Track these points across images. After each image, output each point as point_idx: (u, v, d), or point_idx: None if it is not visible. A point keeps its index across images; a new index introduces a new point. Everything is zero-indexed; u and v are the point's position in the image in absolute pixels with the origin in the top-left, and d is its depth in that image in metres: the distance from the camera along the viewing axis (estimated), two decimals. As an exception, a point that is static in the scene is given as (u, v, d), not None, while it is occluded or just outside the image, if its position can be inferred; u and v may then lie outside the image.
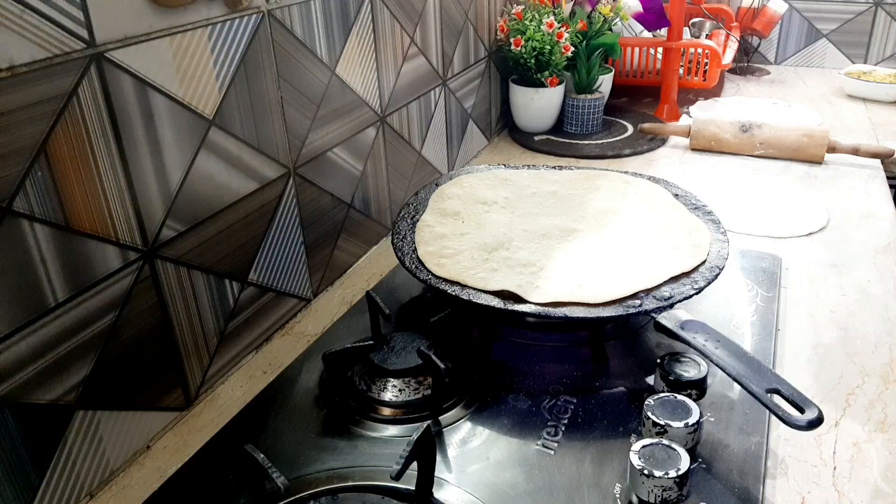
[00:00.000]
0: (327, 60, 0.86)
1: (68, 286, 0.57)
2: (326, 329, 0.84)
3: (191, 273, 0.70)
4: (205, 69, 0.67)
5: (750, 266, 0.92)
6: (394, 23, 0.99)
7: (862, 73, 1.71)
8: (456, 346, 0.74)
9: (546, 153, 1.39)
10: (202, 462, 0.64)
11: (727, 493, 0.58)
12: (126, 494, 0.63)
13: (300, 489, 0.59)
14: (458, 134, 1.28)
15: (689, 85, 1.62)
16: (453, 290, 0.74)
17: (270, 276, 0.82)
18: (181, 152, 0.66)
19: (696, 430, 0.60)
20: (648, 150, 1.38)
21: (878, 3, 1.82)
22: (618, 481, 0.59)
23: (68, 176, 0.56)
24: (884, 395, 0.71)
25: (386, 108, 1.01)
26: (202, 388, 0.74)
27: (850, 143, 1.28)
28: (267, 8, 0.74)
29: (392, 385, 0.69)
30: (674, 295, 0.72)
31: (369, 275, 0.98)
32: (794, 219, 1.08)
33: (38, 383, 0.56)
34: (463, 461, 0.63)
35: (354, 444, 0.65)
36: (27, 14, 0.51)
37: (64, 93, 0.55)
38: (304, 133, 0.84)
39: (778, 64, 1.99)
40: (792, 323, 0.83)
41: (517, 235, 0.85)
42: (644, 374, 0.72)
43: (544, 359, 0.76)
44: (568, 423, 0.66)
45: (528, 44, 1.34)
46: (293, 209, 0.84)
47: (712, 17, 1.84)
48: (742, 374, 0.61)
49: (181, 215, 0.68)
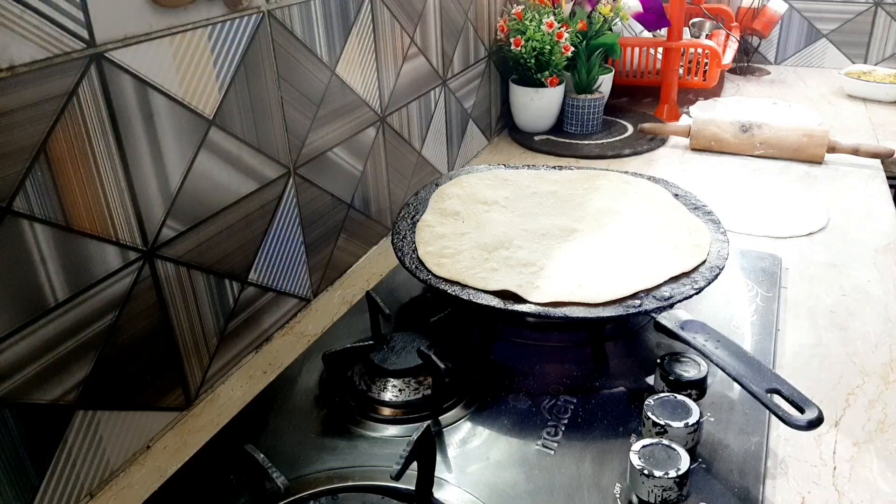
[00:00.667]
0: (327, 60, 0.86)
1: (68, 286, 0.57)
2: (326, 329, 0.84)
3: (191, 273, 0.70)
4: (205, 69, 0.67)
5: (750, 266, 0.92)
6: (394, 23, 0.99)
7: (862, 73, 1.71)
8: (456, 346, 0.74)
9: (546, 153, 1.39)
10: (202, 462, 0.64)
11: (727, 493, 0.58)
12: (126, 494, 0.63)
13: (300, 489, 0.59)
14: (458, 134, 1.28)
15: (689, 85, 1.62)
16: (453, 290, 0.74)
17: (270, 275, 0.82)
18: (181, 152, 0.66)
19: (696, 430, 0.60)
20: (648, 150, 1.38)
21: (878, 3, 1.82)
22: (618, 481, 0.59)
23: (68, 176, 0.56)
24: (884, 395, 0.71)
25: (386, 108, 1.01)
26: (202, 388, 0.74)
27: (850, 143, 1.28)
28: (267, 8, 0.74)
29: (392, 385, 0.69)
30: (674, 295, 0.72)
31: (369, 275, 0.98)
32: (795, 219, 1.08)
33: (38, 383, 0.56)
34: (463, 461, 0.63)
35: (354, 444, 0.65)
36: (27, 14, 0.51)
37: (64, 93, 0.55)
38: (304, 133, 0.84)
39: (778, 64, 1.99)
40: (792, 323, 0.83)
41: (517, 235, 0.85)
42: (644, 374, 0.72)
43: (544, 359, 0.76)
44: (568, 423, 0.66)
45: (528, 44, 1.34)
46: (293, 209, 0.84)
47: (712, 17, 1.84)
48: (742, 374, 0.61)
49: (181, 215, 0.68)
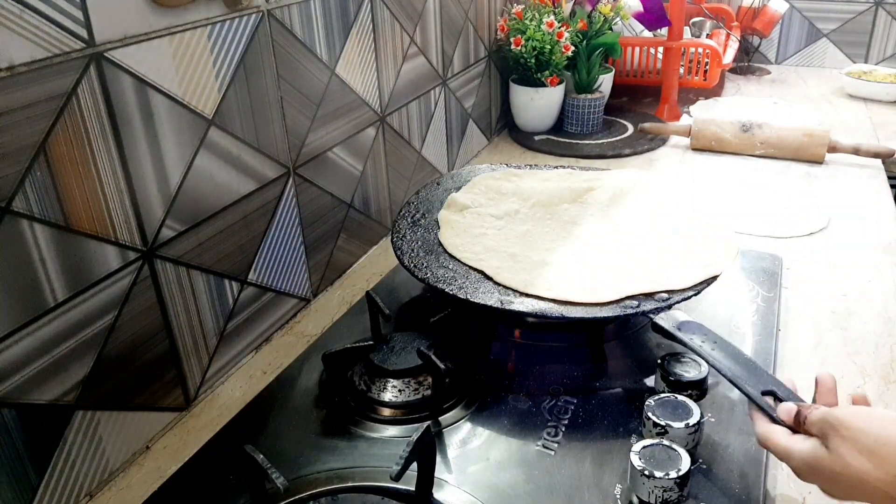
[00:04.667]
0: (327, 60, 0.85)
1: (68, 286, 0.57)
2: (326, 329, 0.84)
3: (190, 273, 0.70)
4: (204, 69, 0.67)
5: (750, 266, 0.92)
6: (394, 22, 0.99)
7: (862, 73, 1.71)
8: (456, 346, 0.74)
9: (546, 153, 1.39)
10: (202, 462, 0.64)
11: (727, 493, 0.58)
12: (125, 495, 0.63)
13: (300, 489, 0.59)
14: (458, 134, 1.28)
15: (689, 85, 1.62)
16: (452, 289, 0.74)
17: (270, 276, 0.82)
18: (181, 152, 0.66)
19: (696, 430, 0.60)
20: (649, 149, 1.38)
21: (878, 3, 1.82)
22: (618, 482, 0.59)
23: (68, 176, 0.56)
24: (884, 395, 0.71)
25: (386, 108, 1.01)
26: (202, 388, 0.74)
27: (850, 143, 1.28)
28: (267, 7, 0.74)
29: (392, 385, 0.69)
30: (672, 296, 0.72)
31: (369, 275, 0.98)
32: (795, 219, 1.08)
33: (38, 383, 0.56)
34: (463, 461, 0.62)
35: (354, 444, 0.65)
36: (27, 14, 0.51)
37: (63, 92, 0.54)
38: (304, 133, 0.84)
39: (778, 63, 1.98)
40: (793, 323, 0.83)
41: (518, 234, 0.85)
42: (644, 374, 0.72)
43: (544, 359, 0.76)
44: (568, 423, 0.66)
45: (529, 43, 1.33)
46: (293, 209, 0.84)
47: (713, 17, 1.84)
48: (737, 375, 0.61)
49: (181, 215, 0.68)
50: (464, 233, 0.85)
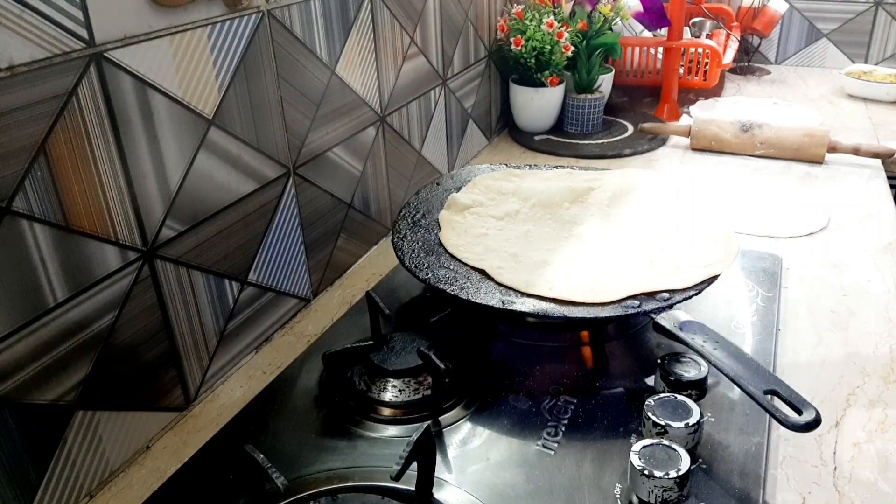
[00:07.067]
0: (327, 60, 0.86)
1: (68, 286, 0.57)
2: (326, 329, 0.84)
3: (190, 273, 0.70)
4: (204, 69, 0.67)
5: (750, 266, 0.92)
6: (394, 22, 0.99)
7: (862, 73, 1.70)
8: (456, 346, 0.74)
9: (546, 153, 1.39)
10: (202, 462, 0.64)
11: (727, 493, 0.58)
12: (125, 495, 0.63)
13: (300, 489, 0.59)
14: (458, 134, 1.28)
15: (689, 85, 1.62)
16: (453, 289, 0.74)
17: (270, 276, 0.82)
18: (181, 152, 0.66)
19: (696, 430, 0.60)
20: (648, 149, 1.38)
21: (878, 3, 1.82)
22: (618, 482, 0.59)
23: (68, 176, 0.56)
24: (884, 395, 0.71)
25: (386, 108, 1.01)
26: (202, 388, 0.74)
27: (850, 143, 1.28)
28: (267, 7, 0.74)
29: (392, 385, 0.69)
30: (673, 296, 0.72)
31: (369, 275, 0.98)
32: (795, 219, 1.08)
33: (38, 383, 0.56)
34: (463, 461, 0.62)
35: (354, 444, 0.65)
36: (27, 14, 0.51)
37: (63, 92, 0.54)
38: (304, 133, 0.84)
39: (778, 64, 1.98)
40: (793, 323, 0.83)
41: (519, 235, 0.85)
42: (644, 374, 0.72)
43: (544, 359, 0.76)
44: (568, 423, 0.66)
45: (529, 43, 1.33)
46: (293, 209, 0.84)
47: (713, 17, 1.84)
48: (740, 375, 0.61)
49: (181, 215, 0.68)
50: (464, 233, 0.85)
